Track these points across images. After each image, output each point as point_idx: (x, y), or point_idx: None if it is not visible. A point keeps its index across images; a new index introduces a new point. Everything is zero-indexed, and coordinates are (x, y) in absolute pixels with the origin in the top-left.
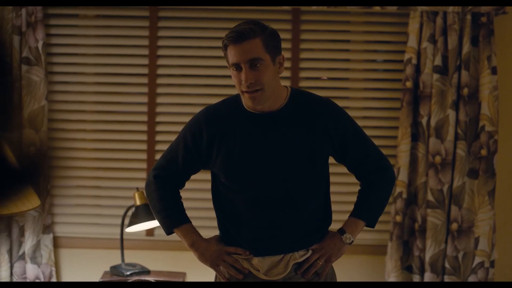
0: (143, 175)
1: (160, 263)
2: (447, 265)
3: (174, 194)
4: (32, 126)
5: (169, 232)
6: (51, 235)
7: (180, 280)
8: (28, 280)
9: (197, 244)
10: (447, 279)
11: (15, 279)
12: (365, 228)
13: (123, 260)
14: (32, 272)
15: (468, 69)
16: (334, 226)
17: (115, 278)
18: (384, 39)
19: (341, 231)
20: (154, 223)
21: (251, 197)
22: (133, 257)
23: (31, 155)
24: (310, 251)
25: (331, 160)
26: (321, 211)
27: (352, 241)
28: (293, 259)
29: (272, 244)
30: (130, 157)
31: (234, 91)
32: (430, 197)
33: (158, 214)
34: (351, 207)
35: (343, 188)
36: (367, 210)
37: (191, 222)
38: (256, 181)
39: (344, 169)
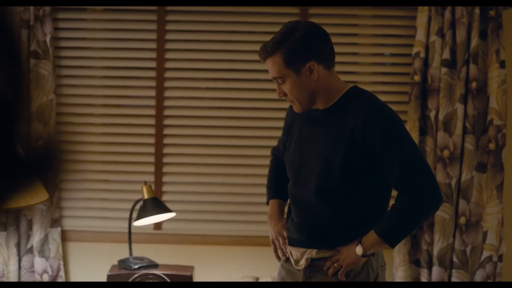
0: (151, 168)
1: (168, 256)
2: (455, 259)
3: (278, 170)
4: (40, 120)
5: (267, 203)
6: (59, 229)
7: (188, 273)
8: (36, 274)
9: (270, 219)
10: (455, 273)
11: (23, 273)
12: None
13: (131, 253)
14: (40, 266)
15: (476, 63)
16: None
17: (123, 272)
18: (392, 32)
19: (360, 241)
20: (162, 217)
21: (291, 188)
22: (141, 250)
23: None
24: (332, 252)
25: None
26: (351, 215)
27: (365, 254)
28: (310, 254)
29: (297, 236)
30: (138, 151)
31: (242, 85)
32: None
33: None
34: None
35: None
36: (385, 227)
37: (278, 198)
38: (294, 173)
39: None
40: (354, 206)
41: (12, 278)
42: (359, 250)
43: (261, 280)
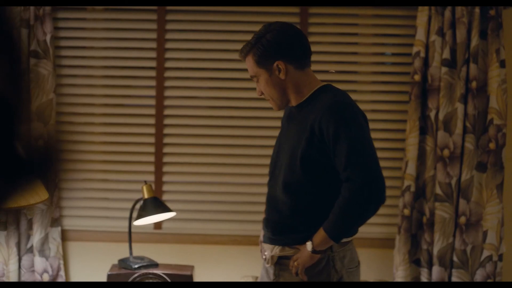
0: (151, 168)
1: (168, 256)
2: (455, 258)
3: None
4: (40, 119)
5: None
6: (59, 228)
7: (188, 273)
8: (36, 273)
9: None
10: (455, 272)
11: (23, 272)
12: (372, 221)
13: (131, 253)
14: (40, 265)
15: (476, 63)
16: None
17: (123, 271)
18: (392, 32)
19: (311, 237)
20: (162, 216)
21: (267, 184)
22: (141, 250)
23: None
24: (295, 250)
25: None
26: (314, 212)
27: (315, 251)
28: (274, 252)
29: (266, 232)
30: (138, 150)
31: (242, 84)
32: (438, 190)
33: None
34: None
35: None
36: (329, 222)
37: None
38: (270, 169)
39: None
40: (317, 202)
41: (12, 277)
42: (309, 246)
43: (257, 278)
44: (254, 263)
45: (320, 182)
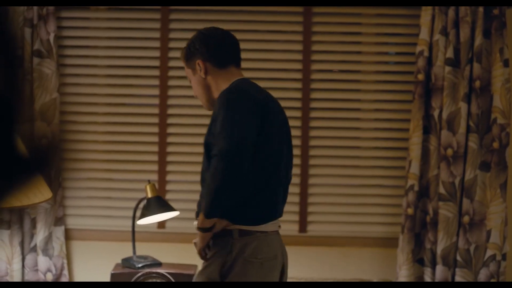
0: (155, 167)
1: (171, 255)
2: (458, 258)
3: None
4: (44, 118)
5: None
6: (62, 227)
7: (192, 272)
8: (39, 272)
9: None
10: (458, 272)
11: (26, 271)
12: (376, 221)
13: (134, 252)
14: (43, 264)
15: (480, 62)
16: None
17: (126, 270)
18: (396, 31)
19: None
20: (166, 216)
21: None
22: (144, 249)
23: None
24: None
25: None
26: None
27: (198, 228)
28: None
29: None
30: (142, 150)
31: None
32: (442, 189)
33: None
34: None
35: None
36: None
37: None
38: None
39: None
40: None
41: (16, 276)
42: (195, 223)
43: None
44: None
45: None
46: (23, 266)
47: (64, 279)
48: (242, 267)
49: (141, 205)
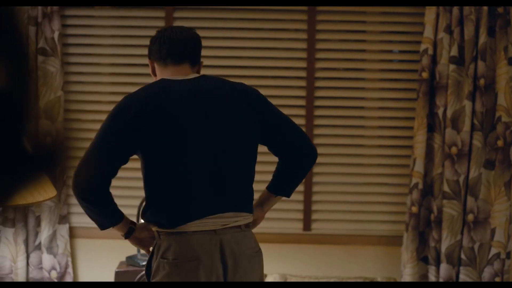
0: None
1: None
2: (463, 256)
3: None
4: (48, 116)
5: None
6: (67, 225)
7: None
8: (44, 270)
9: None
10: (463, 270)
11: (31, 269)
12: (380, 219)
13: (138, 250)
14: (48, 262)
15: (484, 60)
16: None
17: (131, 268)
18: (400, 29)
19: None
20: None
21: None
22: None
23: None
24: None
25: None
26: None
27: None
28: None
29: None
30: None
31: (248, 82)
32: (446, 188)
33: None
34: None
35: None
36: None
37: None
38: None
39: None
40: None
41: (20, 274)
42: None
43: (266, 276)
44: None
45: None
46: (27, 264)
47: (69, 277)
48: (155, 267)
49: None
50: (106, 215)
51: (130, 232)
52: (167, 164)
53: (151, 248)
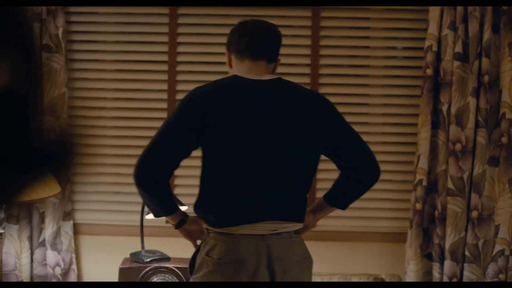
0: None
1: (180, 250)
2: (467, 253)
3: None
4: (52, 113)
5: None
6: (71, 222)
7: None
8: (48, 267)
9: None
10: (467, 267)
11: (35, 266)
12: (384, 216)
13: (143, 247)
14: (52, 259)
15: (489, 57)
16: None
17: (135, 265)
18: (404, 26)
19: None
20: None
21: None
22: (153, 244)
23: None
24: None
25: None
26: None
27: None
28: None
29: None
30: None
31: None
32: (450, 184)
33: None
34: None
35: None
36: None
37: None
38: None
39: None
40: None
41: (25, 271)
42: None
43: None
44: None
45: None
46: (31, 260)
47: (73, 273)
48: (199, 263)
49: None
50: (162, 205)
51: (182, 223)
52: (224, 165)
53: (198, 242)
